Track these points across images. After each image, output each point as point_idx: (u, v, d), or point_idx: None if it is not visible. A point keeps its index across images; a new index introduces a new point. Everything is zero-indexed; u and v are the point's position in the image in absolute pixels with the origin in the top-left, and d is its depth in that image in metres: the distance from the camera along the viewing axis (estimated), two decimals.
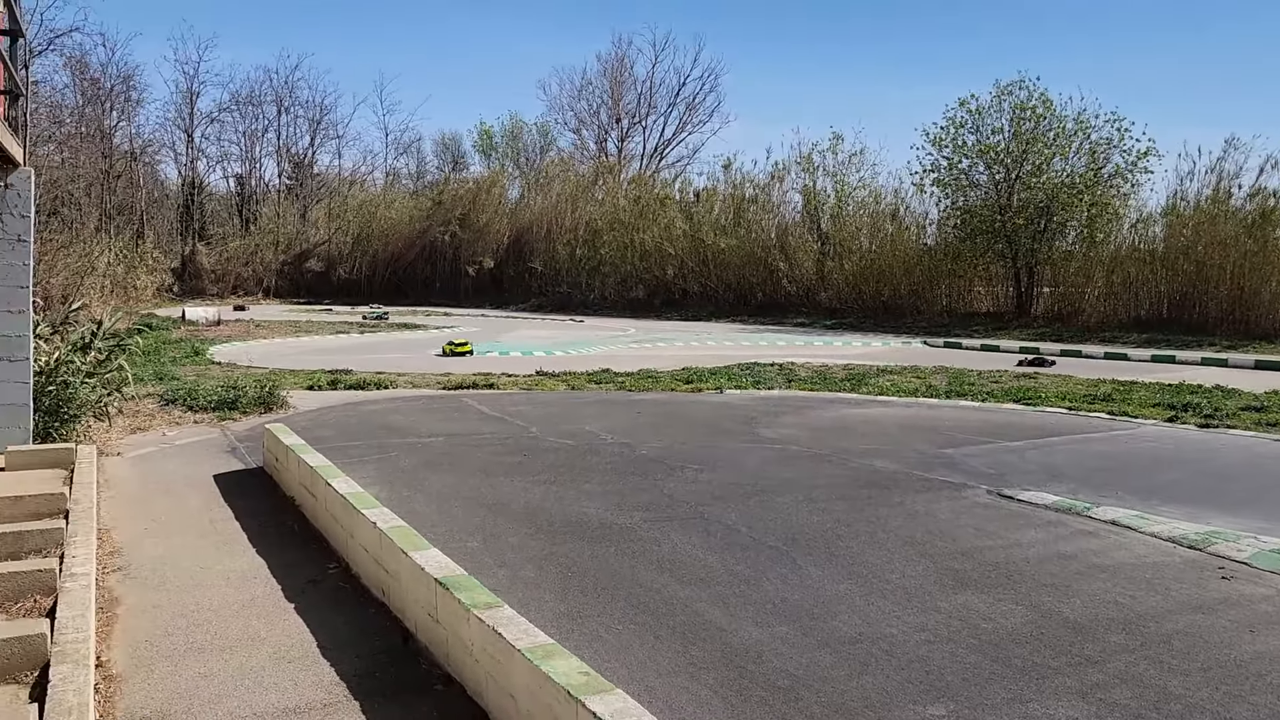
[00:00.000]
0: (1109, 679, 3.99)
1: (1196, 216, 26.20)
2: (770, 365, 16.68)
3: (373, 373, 14.17)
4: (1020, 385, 14.09)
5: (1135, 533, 6.15)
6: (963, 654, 4.24)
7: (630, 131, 56.44)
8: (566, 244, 42.61)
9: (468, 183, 49.66)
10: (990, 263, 30.39)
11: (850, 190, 35.02)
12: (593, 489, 7.31)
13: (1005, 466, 8.27)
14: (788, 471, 8.01)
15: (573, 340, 23.10)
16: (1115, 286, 27.40)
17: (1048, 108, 28.43)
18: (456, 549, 5.52)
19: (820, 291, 34.37)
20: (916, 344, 24.13)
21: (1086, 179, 27.96)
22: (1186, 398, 12.22)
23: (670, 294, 38.60)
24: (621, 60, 56.84)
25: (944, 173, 30.64)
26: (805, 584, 5.17)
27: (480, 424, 10.24)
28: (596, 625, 4.53)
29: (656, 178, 49.24)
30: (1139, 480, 7.83)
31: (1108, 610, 4.79)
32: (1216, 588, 5.15)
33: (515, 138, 57.22)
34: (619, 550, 5.73)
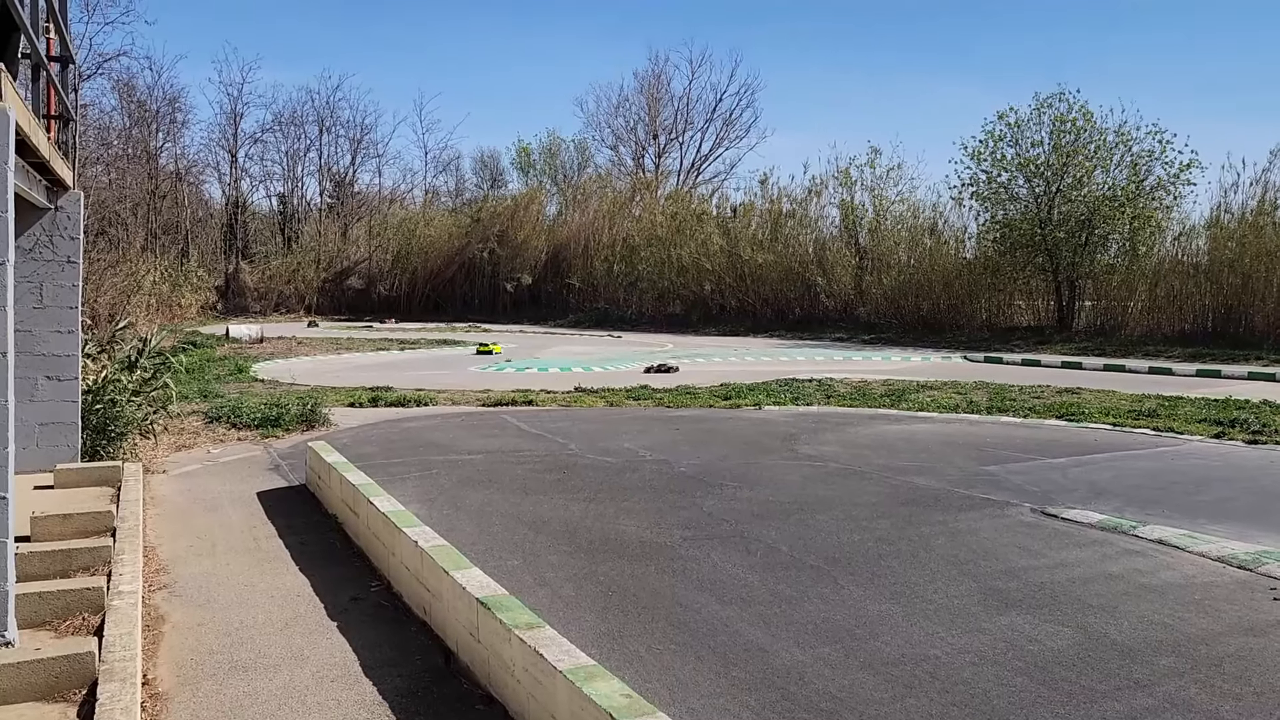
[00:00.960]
0: (1159, 703, 3.91)
1: (1241, 229, 25.72)
2: (809, 381, 16.59)
3: (413, 389, 14.29)
4: (1063, 401, 13.89)
5: (1183, 552, 6.04)
6: (1008, 677, 4.18)
7: (667, 147, 56.60)
8: (604, 260, 42.74)
9: (506, 200, 50.02)
10: (1030, 276, 30.01)
11: (888, 204, 34.79)
12: (632, 507, 7.31)
13: (1049, 484, 8.15)
14: (828, 489, 7.96)
15: (611, 356, 23.14)
16: (1159, 300, 26.95)
17: (1088, 120, 28.10)
18: (497, 567, 5.55)
19: (858, 306, 34.15)
20: (956, 359, 23.89)
21: (1128, 191, 27.56)
22: (1233, 413, 11.97)
23: (708, 309, 38.54)
24: (659, 77, 57.05)
25: (982, 186, 30.35)
26: (847, 604, 5.13)
27: (519, 441, 10.29)
28: (637, 645, 4.52)
29: (693, 193, 49.25)
30: (1185, 498, 7.68)
31: (1156, 632, 4.71)
32: (1269, 609, 5.03)
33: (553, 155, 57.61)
34: (659, 569, 5.73)
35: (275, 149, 52.23)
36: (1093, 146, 28.11)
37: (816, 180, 37.26)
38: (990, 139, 29.80)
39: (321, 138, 52.48)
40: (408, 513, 5.57)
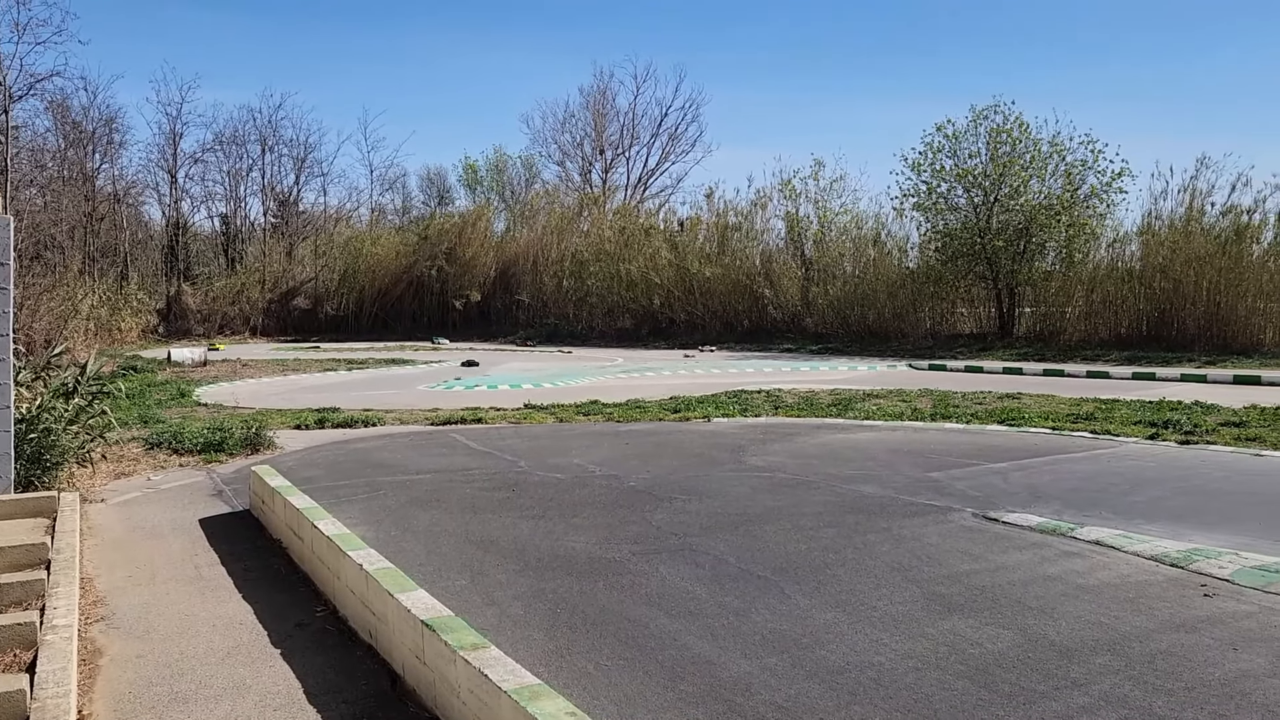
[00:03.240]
0: (1094, 702, 4.01)
1: (1171, 235, 26.52)
2: (757, 392, 16.73)
3: (361, 410, 14.15)
4: (1004, 406, 14.17)
5: (1119, 552, 6.20)
6: (950, 680, 4.25)
7: (614, 163, 56.80)
8: (553, 276, 42.74)
9: (453, 217, 49.81)
10: (972, 285, 30.63)
11: (832, 216, 35.28)
12: (581, 523, 7.31)
13: (990, 489, 8.31)
14: (775, 499, 8.03)
15: (561, 372, 23.12)
16: (1095, 305, 27.68)
17: (1023, 131, 28.82)
18: (444, 588, 5.52)
19: (805, 317, 34.55)
20: (902, 367, 24.24)
21: (1063, 200, 28.28)
22: (1167, 415, 12.32)
23: (657, 323, 38.70)
24: (603, 92, 57.29)
25: (923, 197, 30.93)
26: (794, 614, 5.18)
27: (468, 459, 10.24)
28: (585, 662, 4.53)
29: (641, 208, 49.50)
30: (1121, 499, 7.88)
31: (1093, 632, 4.82)
32: (1199, 606, 5.18)
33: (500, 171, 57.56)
34: (607, 585, 5.74)
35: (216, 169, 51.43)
36: (1028, 157, 28.82)
37: (761, 193, 37.70)
38: (929, 150, 30.42)
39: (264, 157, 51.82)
40: (353, 535, 5.52)
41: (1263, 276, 24.67)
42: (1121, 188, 28.15)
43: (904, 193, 31.56)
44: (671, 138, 56.42)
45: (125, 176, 47.41)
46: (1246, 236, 25.11)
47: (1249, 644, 4.62)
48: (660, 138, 56.45)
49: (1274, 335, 24.27)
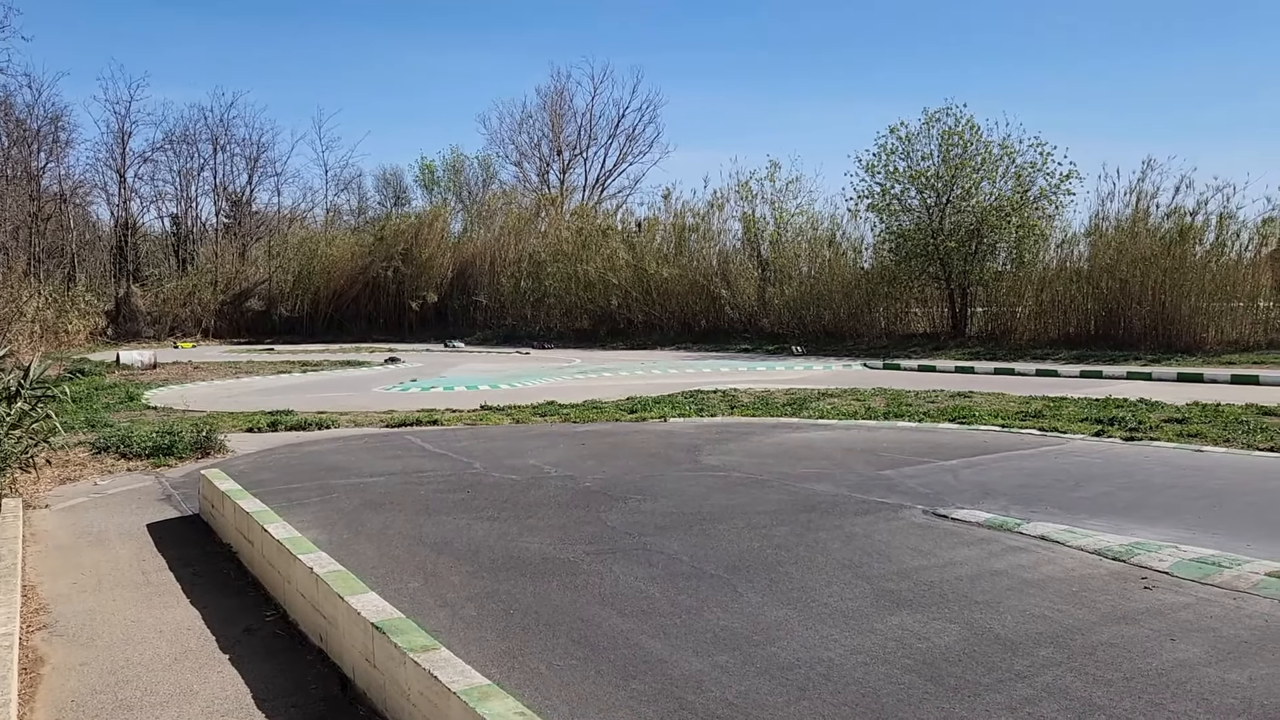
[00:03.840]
0: (1037, 693, 4.09)
1: (1118, 236, 27.09)
2: (714, 392, 16.82)
3: (314, 412, 14.01)
4: (956, 405, 14.38)
5: (1063, 547, 6.33)
6: (898, 675, 4.32)
7: (571, 163, 56.80)
8: (511, 276, 42.64)
9: (410, 218, 49.47)
10: (925, 285, 31.06)
11: (788, 217, 35.57)
12: (536, 524, 7.30)
13: (941, 486, 8.44)
14: (730, 498, 8.08)
15: (518, 373, 23.05)
16: (1045, 305, 28.20)
17: (974, 133, 29.28)
18: (397, 591, 5.50)
19: (762, 317, 34.79)
20: (857, 366, 24.50)
21: (1013, 201, 28.79)
22: (1112, 412, 12.59)
23: (615, 324, 38.74)
24: (561, 93, 57.29)
25: (877, 198, 31.29)
26: (746, 611, 5.22)
27: (423, 461, 10.18)
28: (538, 662, 4.54)
29: (598, 209, 49.52)
30: (1067, 495, 8.05)
31: (1037, 625, 4.92)
32: (1139, 598, 5.31)
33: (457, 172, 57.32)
34: (561, 585, 5.75)
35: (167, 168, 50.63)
36: (979, 159, 29.29)
37: (718, 194, 37.92)
38: (883, 152, 30.77)
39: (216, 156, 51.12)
40: (304, 539, 5.48)
41: (1205, 277, 25.28)
42: (1070, 189, 28.75)
43: (858, 194, 31.94)
44: (629, 139, 56.63)
45: (72, 176, 46.66)
46: (1189, 238, 25.71)
47: (1186, 634, 4.75)
48: (618, 139, 56.62)
49: (1216, 334, 24.87)
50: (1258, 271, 25.58)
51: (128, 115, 48.11)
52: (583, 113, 57.18)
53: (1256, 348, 23.86)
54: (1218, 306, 25.14)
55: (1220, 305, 25.17)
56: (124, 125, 48.30)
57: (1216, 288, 25.19)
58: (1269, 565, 5.71)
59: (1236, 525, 6.93)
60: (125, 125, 48.24)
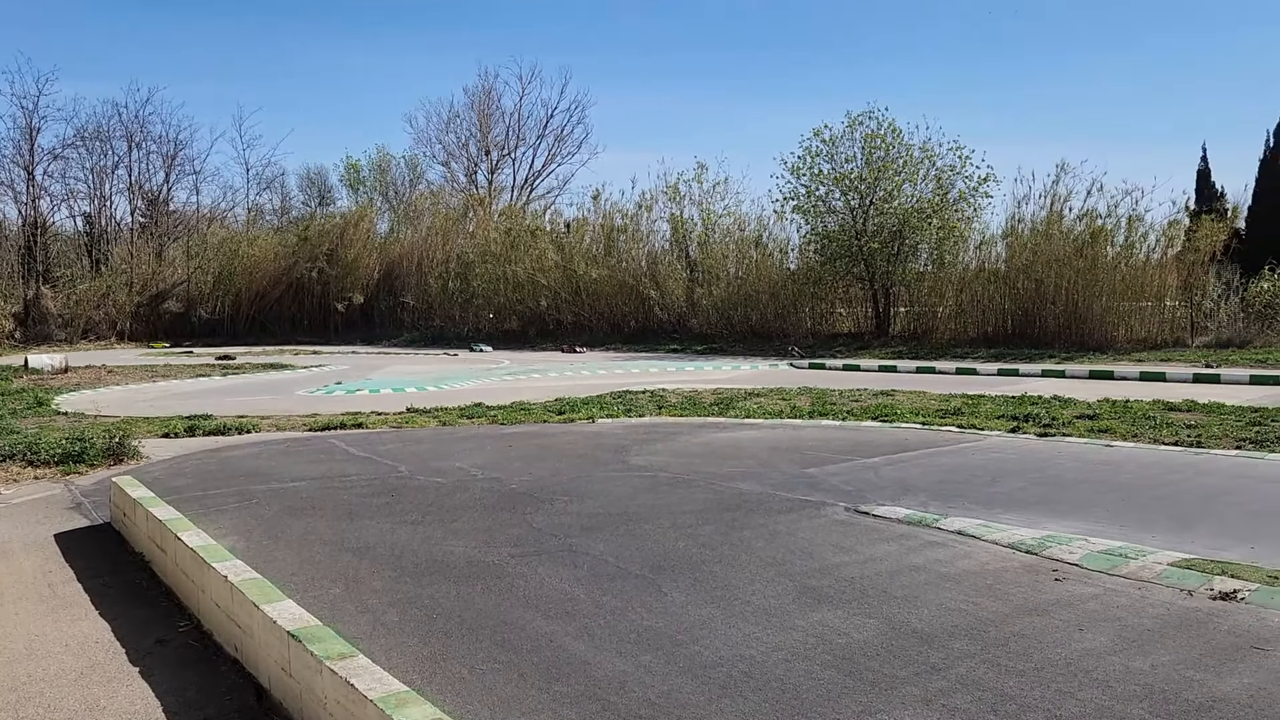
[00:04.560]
0: (951, 685, 4.19)
1: (1033, 238, 27.94)
2: (642, 393, 16.87)
3: (235, 416, 13.68)
4: (879, 403, 14.65)
5: (979, 541, 6.49)
6: (818, 670, 4.38)
7: (500, 164, 56.44)
8: (439, 277, 42.21)
9: (335, 218, 48.62)
10: (850, 285, 31.62)
11: (716, 218, 35.86)
12: (461, 527, 7.24)
13: (863, 483, 8.59)
14: (656, 498, 8.11)
15: (446, 375, 22.83)
16: (964, 305, 28.96)
17: (896, 137, 29.90)
18: (317, 598, 5.41)
19: (691, 318, 35.01)
20: (783, 366, 24.80)
21: (934, 204, 29.49)
22: (1028, 409, 12.97)
23: (544, 325, 38.62)
24: (488, 93, 56.89)
25: (803, 200, 31.75)
26: (670, 611, 5.25)
27: (347, 465, 10.02)
28: (460, 667, 4.50)
29: (527, 209, 49.31)
30: (983, 490, 8.26)
31: (952, 618, 5.04)
32: (1050, 590, 5.47)
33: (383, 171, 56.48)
34: (485, 588, 5.71)
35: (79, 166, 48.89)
36: (901, 161, 29.93)
37: (646, 195, 38.04)
38: (808, 155, 31.23)
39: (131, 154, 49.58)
40: (219, 547, 5.36)
41: (1115, 277, 26.20)
42: (987, 192, 29.57)
43: (784, 195, 32.37)
44: (558, 139, 56.49)
45: None
46: (1101, 240, 26.63)
47: (1093, 624, 4.91)
48: (546, 139, 56.44)
49: (1126, 333, 25.79)
50: (1165, 272, 26.61)
51: (35, 110, 46.34)
52: (511, 113, 56.97)
53: (1164, 345, 24.80)
54: (1127, 306, 26.08)
55: (1130, 305, 26.12)
56: (32, 121, 46.53)
57: (1126, 288, 26.13)
58: (1171, 555, 5.93)
59: (1143, 517, 7.18)
60: (33, 121, 46.49)
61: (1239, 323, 24.87)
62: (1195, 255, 26.64)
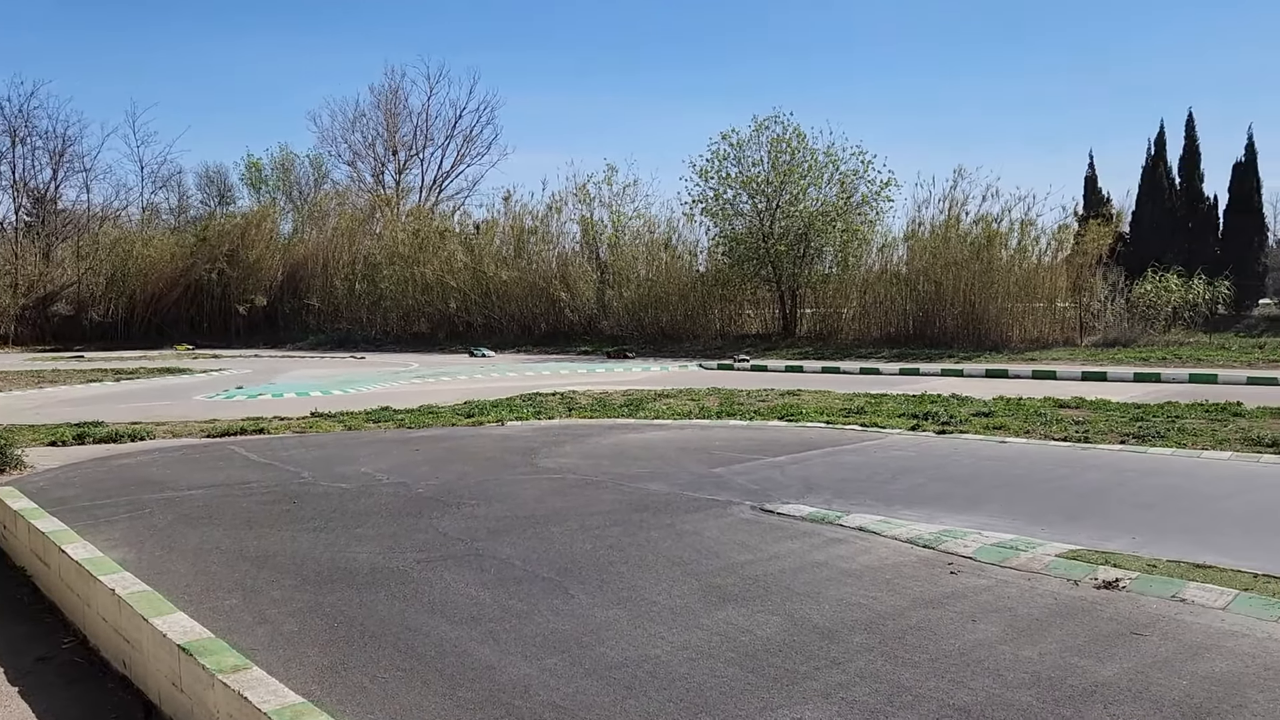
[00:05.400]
0: (850, 678, 4.29)
1: (933, 241, 28.84)
2: (552, 395, 16.82)
3: (128, 423, 13.17)
4: (785, 403, 14.90)
5: (879, 537, 6.66)
6: (722, 668, 4.44)
7: (408, 164, 55.59)
8: (345, 279, 41.39)
9: (236, 218, 47.28)
10: (757, 287, 32.10)
11: (626, 220, 36.00)
12: (365, 533, 7.12)
13: (768, 482, 8.72)
14: (565, 500, 8.11)
15: (352, 378, 22.39)
16: (868, 306, 29.72)
17: (801, 141, 30.48)
18: (212, 609, 5.25)
19: (602, 319, 35.06)
20: (693, 367, 25.02)
21: (838, 207, 30.16)
22: (927, 407, 13.35)
23: (454, 327, 38.20)
24: (395, 92, 55.98)
25: (711, 202, 32.10)
26: (576, 613, 5.25)
27: (247, 472, 9.75)
28: (361, 676, 4.42)
29: (436, 210, 48.70)
30: (884, 487, 8.47)
31: (852, 613, 5.16)
32: (946, 582, 5.65)
33: (286, 170, 55.09)
34: (389, 595, 5.62)
35: None
36: (806, 165, 30.53)
37: (557, 197, 37.98)
38: (716, 158, 31.60)
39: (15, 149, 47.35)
40: (107, 559, 5.16)
41: (1010, 280, 27.21)
42: (889, 196, 30.38)
43: (693, 198, 32.70)
44: (467, 140, 55.90)
45: None
46: (996, 243, 27.61)
47: (985, 615, 5.08)
48: (455, 139, 55.80)
49: (1020, 333, 26.78)
50: (1055, 275, 27.73)
51: None
52: (419, 113, 56.32)
53: (1055, 345, 25.83)
54: (1021, 307, 27.10)
55: (1023, 306, 27.14)
56: None
57: (1020, 290, 27.14)
58: (1060, 547, 6.18)
59: (1034, 511, 7.46)
60: None
61: (1124, 323, 26.05)
62: (1084, 258, 27.83)
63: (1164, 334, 25.88)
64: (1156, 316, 26.37)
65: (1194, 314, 26.79)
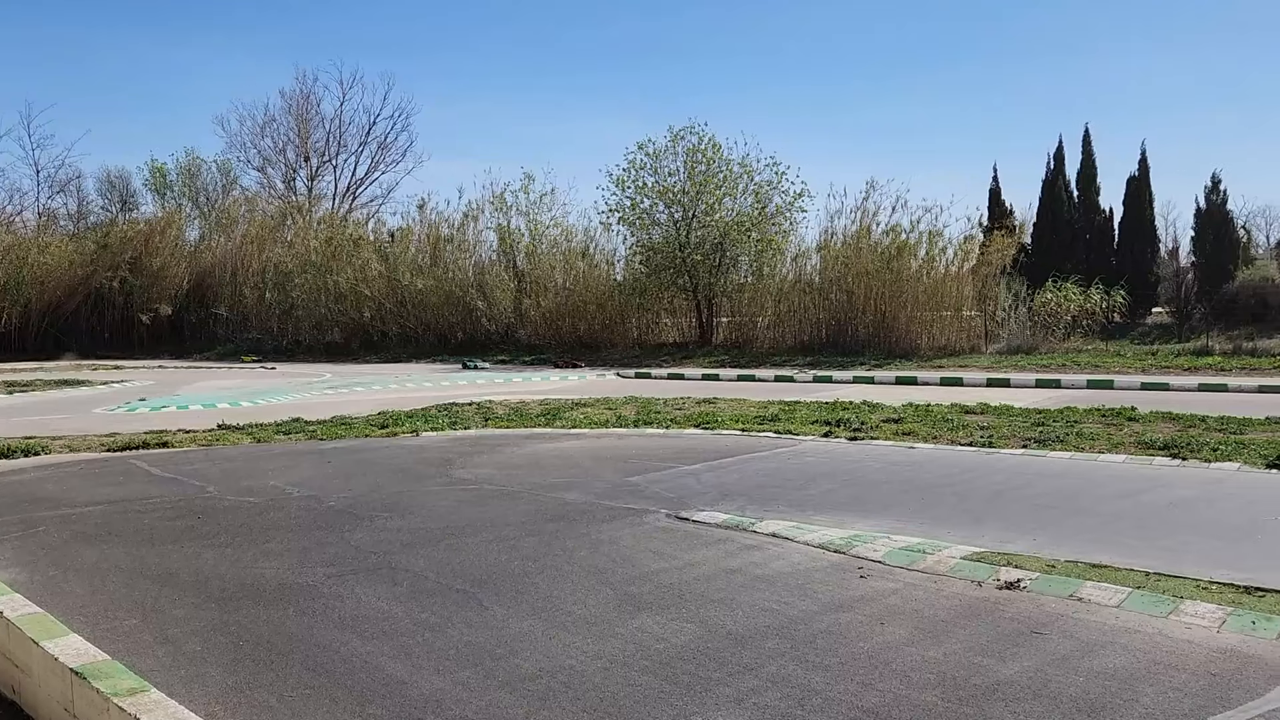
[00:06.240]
0: (762, 683, 4.35)
1: (845, 251, 29.47)
2: (469, 405, 16.67)
3: (21, 438, 12.61)
4: (701, 411, 15.03)
5: (792, 542, 6.76)
6: (636, 676, 4.46)
7: (320, 170, 54.53)
8: (254, 287, 40.37)
9: (139, 224, 45.63)
10: (674, 296, 32.34)
11: (543, 229, 35.88)
12: (273, 548, 6.95)
13: (684, 489, 8.79)
14: (480, 511, 8.04)
15: (263, 389, 21.83)
16: (783, 315, 30.23)
17: (716, 151, 30.85)
18: (110, 630, 5.08)
19: (519, 329, 34.88)
20: (610, 376, 25.07)
21: (753, 217, 30.62)
22: (840, 414, 13.61)
23: (368, 336, 37.55)
24: (307, 97, 54.87)
25: (628, 212, 32.23)
26: (490, 625, 5.22)
27: (149, 487, 9.45)
28: (267, 695, 4.32)
29: (349, 218, 47.86)
30: (798, 493, 8.61)
31: (765, 618, 5.23)
32: (855, 586, 5.77)
33: (193, 176, 53.38)
34: (298, 611, 5.50)
35: None
36: (721, 175, 30.91)
37: (473, 205, 37.65)
38: (632, 168, 31.77)
39: None
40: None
41: (918, 289, 27.97)
42: (802, 207, 31.01)
43: (610, 207, 32.77)
44: (381, 147, 55.10)
45: None
46: (905, 253, 28.35)
47: (893, 617, 5.20)
48: (369, 146, 54.96)
49: (928, 340, 27.54)
50: (962, 284, 28.62)
51: None
52: (331, 118, 55.09)
53: (962, 352, 26.60)
54: (930, 315, 27.87)
55: (932, 314, 27.92)
56: None
57: (928, 298, 27.92)
58: (965, 549, 6.36)
59: (941, 514, 7.67)
60: None
61: (1026, 331, 26.97)
62: (988, 268, 28.77)
63: (1064, 341, 26.86)
64: (1057, 325, 27.37)
65: (1092, 322, 27.89)
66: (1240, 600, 5.22)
